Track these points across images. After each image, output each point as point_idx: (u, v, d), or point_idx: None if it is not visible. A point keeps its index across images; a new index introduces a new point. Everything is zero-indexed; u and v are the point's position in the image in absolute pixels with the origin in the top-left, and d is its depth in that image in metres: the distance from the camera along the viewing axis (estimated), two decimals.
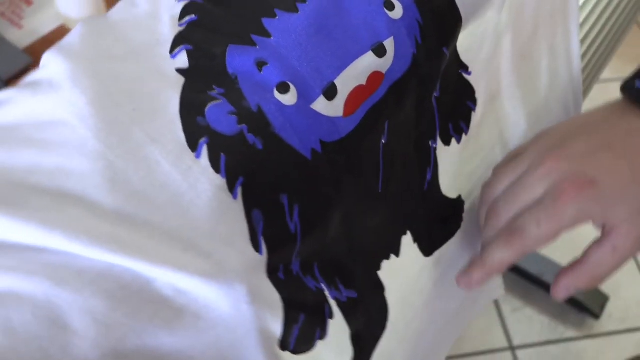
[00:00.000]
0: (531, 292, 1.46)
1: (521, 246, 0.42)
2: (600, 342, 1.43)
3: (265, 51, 0.37)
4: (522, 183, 0.44)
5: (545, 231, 0.41)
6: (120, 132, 0.32)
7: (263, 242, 0.34)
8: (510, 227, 0.43)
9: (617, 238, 0.41)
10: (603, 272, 0.43)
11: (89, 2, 0.82)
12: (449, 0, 0.44)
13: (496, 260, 0.43)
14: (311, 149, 0.36)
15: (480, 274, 0.45)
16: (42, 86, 0.34)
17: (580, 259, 0.44)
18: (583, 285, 0.44)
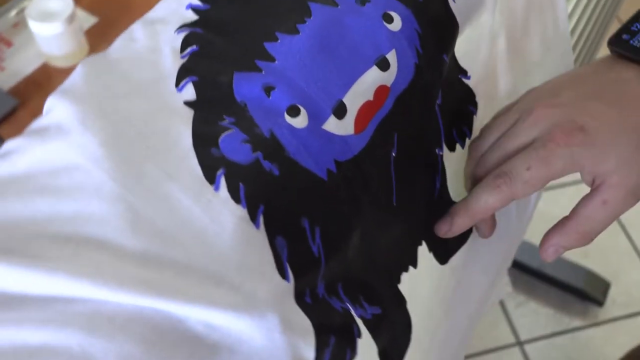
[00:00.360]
0: (533, 286, 1.46)
1: (508, 190, 0.41)
2: (607, 328, 1.43)
3: (272, 76, 0.36)
4: (510, 133, 0.43)
5: (534, 176, 0.40)
6: (136, 172, 0.32)
7: (289, 269, 0.34)
8: (498, 171, 0.42)
9: (607, 191, 0.41)
10: (593, 228, 0.42)
11: (69, 39, 0.81)
12: (445, 8, 0.44)
13: (481, 204, 0.42)
14: (327, 169, 0.36)
15: (463, 218, 0.43)
16: (51, 132, 0.33)
17: (569, 215, 0.43)
18: (572, 244, 0.43)
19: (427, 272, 0.47)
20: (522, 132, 0.42)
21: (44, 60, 0.84)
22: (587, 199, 0.42)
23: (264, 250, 0.33)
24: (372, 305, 0.41)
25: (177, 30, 0.38)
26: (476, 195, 0.42)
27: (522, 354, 1.39)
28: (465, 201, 0.43)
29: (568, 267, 1.44)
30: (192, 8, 0.39)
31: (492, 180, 0.41)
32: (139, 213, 0.31)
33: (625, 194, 0.41)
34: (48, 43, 0.82)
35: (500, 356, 1.38)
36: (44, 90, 0.79)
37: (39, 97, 0.78)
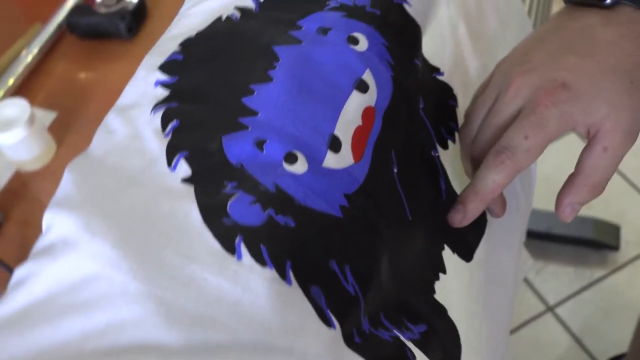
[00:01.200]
0: (547, 249, 1.46)
1: (512, 163, 0.40)
2: (629, 270, 1.44)
3: (259, 129, 0.36)
4: (496, 109, 0.43)
5: (533, 143, 0.40)
6: (156, 264, 0.31)
7: (331, 315, 0.33)
8: (496, 148, 0.41)
9: (604, 138, 0.40)
10: (601, 177, 0.41)
11: (35, 141, 0.80)
12: (404, 14, 0.43)
13: (489, 184, 0.41)
14: (339, 206, 0.35)
15: (474, 203, 0.43)
16: (58, 248, 0.32)
17: (575, 172, 0.43)
18: (586, 197, 0.42)
19: (456, 274, 0.46)
20: (507, 105, 0.42)
21: (15, 168, 0.82)
22: (587, 150, 0.41)
23: (302, 304, 0.32)
24: (417, 325, 0.40)
25: (153, 111, 0.37)
26: (482, 177, 0.42)
27: (555, 318, 1.38)
28: (472, 185, 0.43)
29: (575, 222, 1.44)
30: (161, 84, 0.39)
31: (494, 158, 0.41)
32: (170, 305, 0.30)
33: (622, 137, 0.40)
34: (14, 151, 0.80)
35: (535, 326, 1.38)
36: (23, 198, 0.78)
37: (21, 206, 0.77)
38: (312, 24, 0.41)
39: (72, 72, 0.89)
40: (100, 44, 0.90)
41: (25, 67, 0.87)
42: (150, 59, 0.41)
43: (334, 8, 0.42)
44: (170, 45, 0.41)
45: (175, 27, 0.43)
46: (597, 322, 1.37)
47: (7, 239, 0.74)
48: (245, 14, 0.42)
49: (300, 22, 0.41)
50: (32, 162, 0.81)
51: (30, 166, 0.82)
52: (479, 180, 0.42)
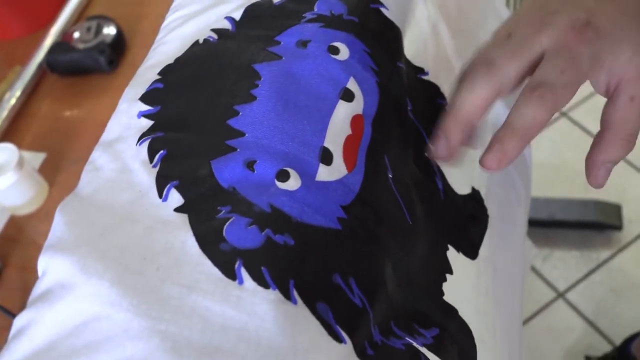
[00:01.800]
0: (551, 236, 1.46)
1: (553, 98, 0.37)
2: (635, 247, 1.44)
3: (248, 150, 0.35)
4: (517, 41, 0.40)
5: (570, 79, 0.37)
6: (157, 298, 0.30)
7: (341, 330, 0.32)
8: (531, 84, 0.38)
9: (629, 86, 0.39)
10: (632, 129, 0.39)
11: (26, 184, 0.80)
12: (382, 18, 0.43)
13: (529, 120, 0.37)
14: (337, 218, 0.35)
15: (513, 142, 0.38)
16: (55, 293, 0.31)
17: (602, 130, 0.40)
18: (619, 153, 0.40)
19: (463, 274, 0.46)
20: (531, 41, 0.39)
21: (9, 214, 0.82)
22: (612, 104, 0.39)
23: (310, 323, 0.31)
24: (429, 329, 0.39)
25: (139, 142, 0.37)
26: (520, 114, 0.38)
27: (567, 304, 1.38)
28: (507, 124, 0.38)
29: (576, 205, 1.45)
30: (144, 115, 0.38)
31: (531, 93, 0.37)
32: (175, 338, 0.29)
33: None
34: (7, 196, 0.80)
35: (547, 314, 1.37)
36: (21, 243, 0.78)
37: (19, 251, 0.76)
38: (290, 38, 0.40)
39: (57, 111, 0.89)
40: (82, 79, 0.90)
41: (10, 110, 0.87)
42: (131, 90, 0.40)
43: (310, 20, 0.41)
44: (149, 74, 0.40)
45: (153, 56, 0.43)
46: (609, 303, 1.37)
47: (8, 285, 0.73)
48: (222, 35, 0.42)
49: (278, 38, 0.40)
50: (26, 205, 0.81)
51: (25, 210, 0.81)
52: (516, 117, 0.38)
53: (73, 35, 0.89)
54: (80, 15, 0.96)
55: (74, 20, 0.95)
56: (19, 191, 0.79)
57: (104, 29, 0.90)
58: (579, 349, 1.31)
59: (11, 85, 0.88)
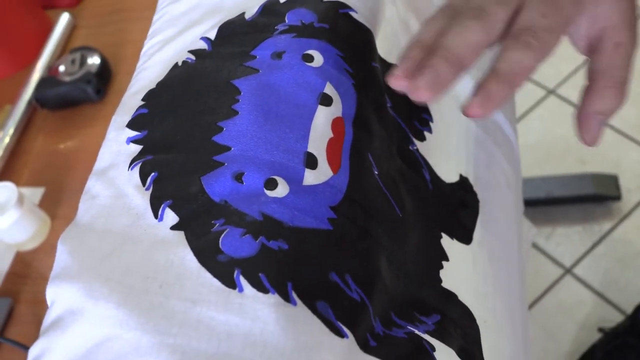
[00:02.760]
0: (552, 213, 1.47)
1: (538, 44, 0.36)
2: (636, 216, 1.45)
3: (235, 163, 0.37)
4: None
5: (553, 21, 0.37)
6: (163, 314, 0.32)
7: (342, 325, 0.34)
8: (514, 32, 0.37)
9: (612, 33, 0.38)
10: (622, 76, 0.38)
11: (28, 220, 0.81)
12: (352, 22, 0.44)
13: (515, 66, 0.36)
14: (327, 219, 0.36)
15: (499, 86, 0.36)
16: (66, 320, 0.33)
17: (591, 79, 0.39)
18: (612, 103, 0.38)
19: (460, 259, 0.47)
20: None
21: (15, 250, 0.83)
22: (598, 52, 0.39)
23: (311, 321, 0.33)
24: (430, 316, 0.41)
25: (130, 167, 0.38)
26: (504, 59, 0.36)
27: (575, 279, 1.39)
28: (492, 70, 0.36)
29: (573, 180, 1.46)
30: (132, 141, 0.40)
31: (516, 39, 0.36)
32: (184, 350, 0.30)
33: (630, 29, 0.39)
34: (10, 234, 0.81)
35: (557, 291, 1.38)
36: (29, 278, 0.79)
37: (28, 286, 0.77)
38: (265, 51, 0.42)
39: (51, 145, 0.90)
40: (72, 111, 0.91)
41: (4, 149, 0.88)
42: (118, 118, 0.42)
43: (283, 31, 0.43)
44: (133, 101, 0.42)
45: (135, 83, 0.44)
46: (616, 273, 1.38)
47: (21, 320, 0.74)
48: (200, 55, 0.43)
49: (253, 52, 0.42)
50: (30, 241, 0.82)
51: (30, 245, 0.82)
52: (502, 62, 0.36)
53: (58, 68, 0.90)
54: (64, 49, 0.98)
55: (58, 54, 0.96)
56: (22, 228, 0.80)
57: (88, 59, 0.91)
58: (592, 321, 1.32)
59: (3, 124, 0.89)
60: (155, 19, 0.49)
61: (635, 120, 1.57)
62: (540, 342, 1.32)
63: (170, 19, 0.47)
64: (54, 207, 0.83)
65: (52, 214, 0.83)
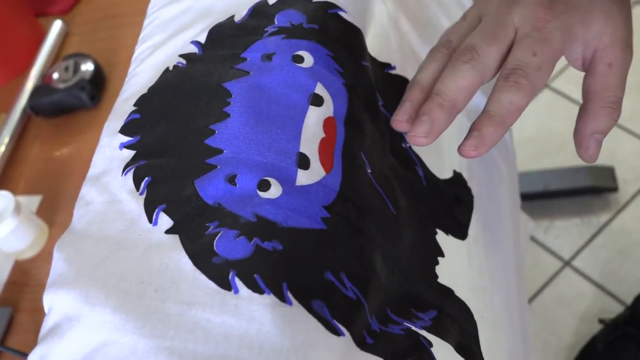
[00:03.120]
0: (550, 207, 1.47)
1: (528, 82, 0.37)
2: (633, 207, 1.45)
3: (228, 166, 0.37)
4: (491, 23, 0.40)
5: (543, 59, 0.38)
6: (159, 317, 0.32)
7: (338, 324, 0.34)
8: (505, 71, 0.38)
9: (605, 53, 0.39)
10: (615, 95, 0.39)
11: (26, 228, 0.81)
12: (341, 22, 0.45)
13: (506, 105, 0.37)
14: (321, 218, 0.36)
15: (490, 127, 0.38)
16: (64, 326, 0.33)
17: (584, 100, 0.40)
18: (606, 122, 0.40)
19: (455, 255, 0.47)
20: (506, 22, 0.40)
21: (14, 259, 0.83)
22: (591, 73, 0.40)
23: (307, 320, 0.33)
24: (427, 312, 0.41)
25: (123, 173, 0.38)
26: (496, 100, 0.38)
27: (574, 271, 1.39)
28: (485, 112, 0.38)
29: (569, 173, 1.46)
30: (125, 146, 0.40)
31: (506, 80, 0.38)
32: (181, 352, 0.31)
33: (622, 49, 0.40)
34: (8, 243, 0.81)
35: (557, 284, 1.38)
36: (28, 286, 0.79)
37: (28, 294, 0.77)
38: (255, 53, 0.42)
39: (47, 152, 0.90)
40: (67, 118, 0.91)
41: (0, 158, 0.88)
42: (111, 124, 0.42)
43: (272, 33, 0.43)
44: (125, 107, 0.42)
45: (127, 89, 0.44)
46: (615, 264, 1.38)
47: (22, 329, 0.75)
48: (191, 59, 0.43)
49: (244, 55, 0.42)
50: (29, 249, 0.82)
51: (28, 253, 0.83)
52: (493, 103, 0.38)
53: (52, 76, 0.91)
54: (57, 56, 0.98)
55: (51, 62, 0.96)
56: (20, 236, 0.80)
57: (81, 65, 0.91)
58: (592, 313, 1.32)
59: None
60: (145, 24, 0.49)
61: (630, 111, 1.57)
62: (541, 335, 1.32)
63: (161, 23, 0.47)
64: (51, 215, 0.83)
65: (50, 222, 0.83)
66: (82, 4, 1.03)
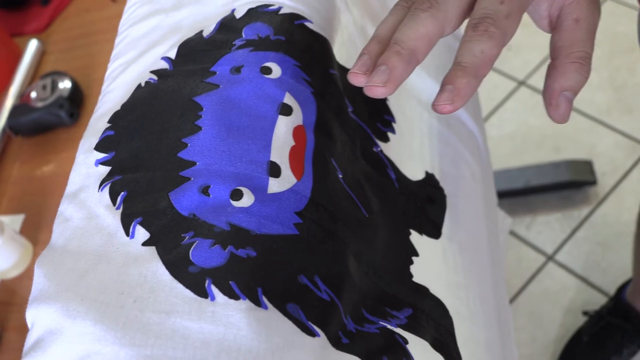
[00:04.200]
0: (531, 203, 1.49)
1: (498, 30, 0.36)
2: (612, 198, 1.47)
3: (201, 177, 0.38)
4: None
5: (511, 7, 0.37)
6: (139, 327, 0.33)
7: (312, 325, 0.35)
8: (472, 20, 0.37)
9: (571, 9, 0.39)
10: (584, 50, 0.38)
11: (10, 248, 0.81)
12: (308, 32, 0.46)
13: (478, 55, 0.36)
14: (293, 224, 0.37)
15: (464, 79, 0.36)
16: (46, 340, 0.34)
17: (553, 56, 0.39)
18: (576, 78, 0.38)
19: (429, 253, 0.48)
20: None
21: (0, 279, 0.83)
22: (558, 30, 0.40)
23: (282, 323, 0.34)
24: (402, 310, 0.42)
25: (100, 189, 0.39)
26: (467, 50, 0.36)
27: (558, 265, 1.41)
28: (456, 64, 0.36)
29: (549, 169, 1.48)
30: (101, 162, 0.41)
31: (475, 29, 0.37)
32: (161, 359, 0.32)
33: (588, 4, 0.39)
34: None
35: (541, 279, 1.40)
36: (15, 305, 0.79)
37: (15, 313, 0.78)
38: (224, 66, 0.43)
39: (28, 172, 0.91)
40: (47, 137, 0.92)
41: None
42: (86, 141, 0.43)
43: (240, 46, 0.44)
44: (100, 124, 0.43)
45: (101, 106, 0.45)
46: (597, 256, 1.40)
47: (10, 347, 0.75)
48: (162, 75, 0.44)
49: (213, 68, 0.43)
50: (13, 268, 0.82)
51: (13, 272, 0.83)
52: (465, 54, 0.36)
53: (30, 95, 0.91)
54: (35, 75, 0.98)
55: (29, 81, 0.97)
56: (5, 255, 0.81)
57: (59, 83, 0.92)
58: (577, 305, 1.34)
59: None
60: (117, 42, 0.50)
61: (606, 104, 1.60)
62: (527, 330, 1.34)
63: (131, 41, 0.48)
64: (35, 233, 0.84)
65: (34, 240, 0.83)
66: (57, 23, 1.04)
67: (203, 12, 0.47)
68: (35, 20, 1.04)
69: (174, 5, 0.49)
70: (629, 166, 1.50)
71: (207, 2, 0.48)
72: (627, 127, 1.56)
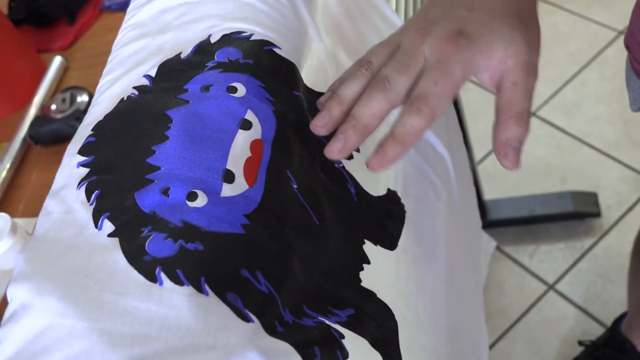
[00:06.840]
0: (535, 232, 1.51)
1: (428, 108, 0.44)
2: (616, 231, 1.49)
3: (163, 180, 0.43)
4: (405, 53, 0.46)
5: (444, 88, 0.44)
6: (95, 304, 0.38)
7: (248, 312, 0.40)
8: (411, 98, 0.45)
9: (509, 74, 0.45)
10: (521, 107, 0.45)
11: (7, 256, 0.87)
12: (275, 57, 0.51)
13: (408, 128, 0.44)
14: (241, 225, 0.42)
15: (393, 147, 0.45)
16: (19, 313, 0.39)
17: (496, 116, 0.46)
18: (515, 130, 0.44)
19: (382, 262, 0.52)
20: (416, 53, 0.46)
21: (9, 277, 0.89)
22: (499, 92, 0.46)
23: (220, 308, 0.39)
24: (344, 309, 0.46)
25: (78, 187, 0.45)
26: (400, 123, 0.45)
27: (558, 295, 1.43)
28: (390, 133, 0.45)
29: (554, 199, 1.50)
30: (82, 165, 0.47)
31: (410, 106, 0.44)
32: (110, 333, 0.37)
33: (525, 70, 0.45)
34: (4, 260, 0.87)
35: (541, 307, 1.42)
36: None
37: None
38: (195, 85, 0.48)
39: (45, 178, 0.96)
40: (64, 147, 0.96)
41: (1, 184, 0.95)
42: (72, 146, 0.49)
43: (212, 67, 0.49)
44: (85, 132, 0.49)
45: (88, 116, 0.51)
46: (597, 288, 1.42)
47: None
48: (142, 90, 0.50)
49: (186, 86, 0.49)
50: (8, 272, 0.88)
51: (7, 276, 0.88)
52: (398, 126, 0.45)
53: (50, 107, 0.98)
54: (57, 89, 1.05)
55: (51, 94, 1.04)
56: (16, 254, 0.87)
57: (77, 97, 0.98)
58: (574, 335, 1.36)
59: (0, 161, 0.97)
60: (109, 60, 0.56)
61: (613, 138, 1.62)
62: (525, 356, 1.36)
63: (120, 60, 0.54)
64: None
65: None
66: (82, 41, 1.11)
67: (184, 36, 0.53)
68: (61, 38, 1.11)
69: (160, 30, 0.55)
70: (634, 200, 1.52)
71: (189, 28, 0.54)
72: (634, 161, 1.58)
